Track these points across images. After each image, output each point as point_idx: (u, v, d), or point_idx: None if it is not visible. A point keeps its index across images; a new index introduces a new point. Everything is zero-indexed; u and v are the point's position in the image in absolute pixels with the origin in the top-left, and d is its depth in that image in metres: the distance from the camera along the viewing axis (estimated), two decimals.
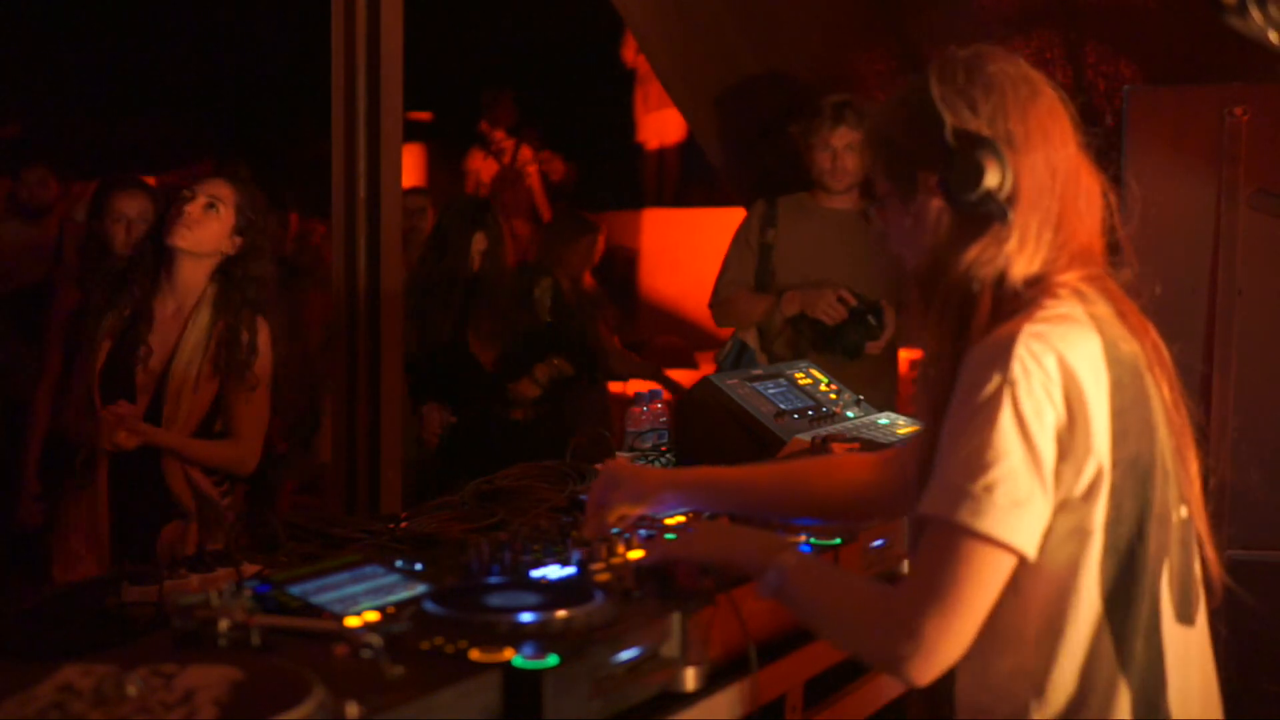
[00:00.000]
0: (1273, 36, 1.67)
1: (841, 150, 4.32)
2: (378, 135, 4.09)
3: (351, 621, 1.69)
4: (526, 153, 8.96)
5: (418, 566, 1.98)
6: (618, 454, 3.10)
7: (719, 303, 4.39)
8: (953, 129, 1.69)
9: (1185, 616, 1.71)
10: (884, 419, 3.26)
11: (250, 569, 1.99)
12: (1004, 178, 1.68)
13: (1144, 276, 1.79)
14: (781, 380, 3.23)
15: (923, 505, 1.64)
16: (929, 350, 1.74)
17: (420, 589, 1.84)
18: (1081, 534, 1.63)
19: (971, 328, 1.68)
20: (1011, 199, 1.68)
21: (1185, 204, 3.52)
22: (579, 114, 9.16)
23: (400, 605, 1.77)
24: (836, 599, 1.72)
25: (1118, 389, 1.64)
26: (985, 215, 1.69)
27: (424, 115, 9.79)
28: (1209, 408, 3.46)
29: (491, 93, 8.89)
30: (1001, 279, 1.69)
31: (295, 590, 1.76)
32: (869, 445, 2.74)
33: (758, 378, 3.18)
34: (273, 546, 2.26)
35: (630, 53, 8.33)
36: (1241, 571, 3.41)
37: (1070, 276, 1.70)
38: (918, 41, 5.26)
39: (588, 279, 6.09)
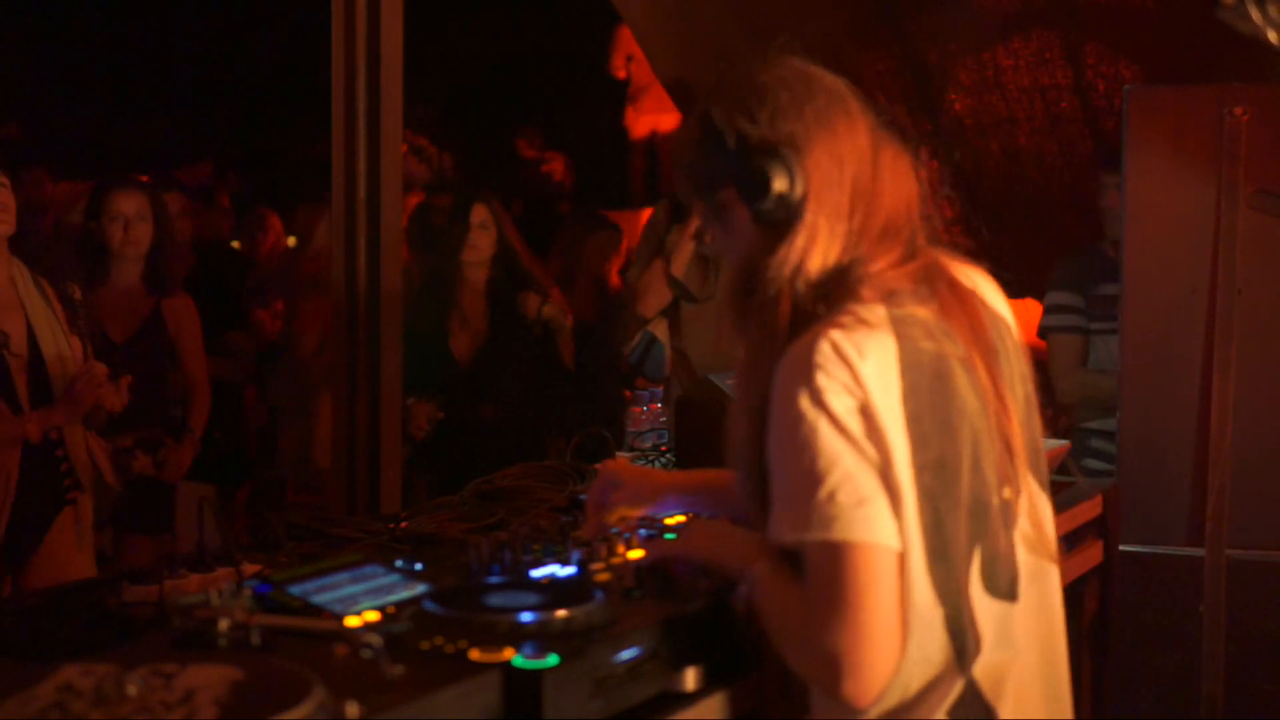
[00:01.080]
0: (1272, 36, 1.67)
1: None
2: (378, 135, 4.09)
3: (351, 621, 1.69)
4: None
5: (418, 566, 1.98)
6: (618, 454, 3.10)
7: (632, 292, 4.24)
8: (735, 142, 1.72)
9: (1002, 592, 1.70)
10: None
11: (250, 569, 1.99)
12: (791, 179, 1.70)
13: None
14: None
15: (775, 534, 1.65)
16: (742, 363, 1.75)
17: (420, 589, 1.84)
18: (901, 536, 1.62)
19: (777, 333, 1.69)
20: (804, 198, 1.70)
21: (1185, 204, 3.52)
22: (575, 114, 9.16)
23: (400, 605, 1.77)
24: (784, 616, 1.69)
25: (911, 394, 1.63)
26: (783, 220, 1.71)
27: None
28: (1208, 407, 3.46)
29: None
30: (795, 278, 1.70)
31: (295, 590, 1.76)
32: None
33: None
34: (273, 546, 2.26)
35: (621, 60, 8.34)
36: (1241, 571, 3.43)
37: (880, 266, 1.71)
38: (918, 41, 5.27)
39: (614, 280, 6.00)
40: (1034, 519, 1.77)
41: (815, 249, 1.70)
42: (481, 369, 4.47)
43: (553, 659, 1.58)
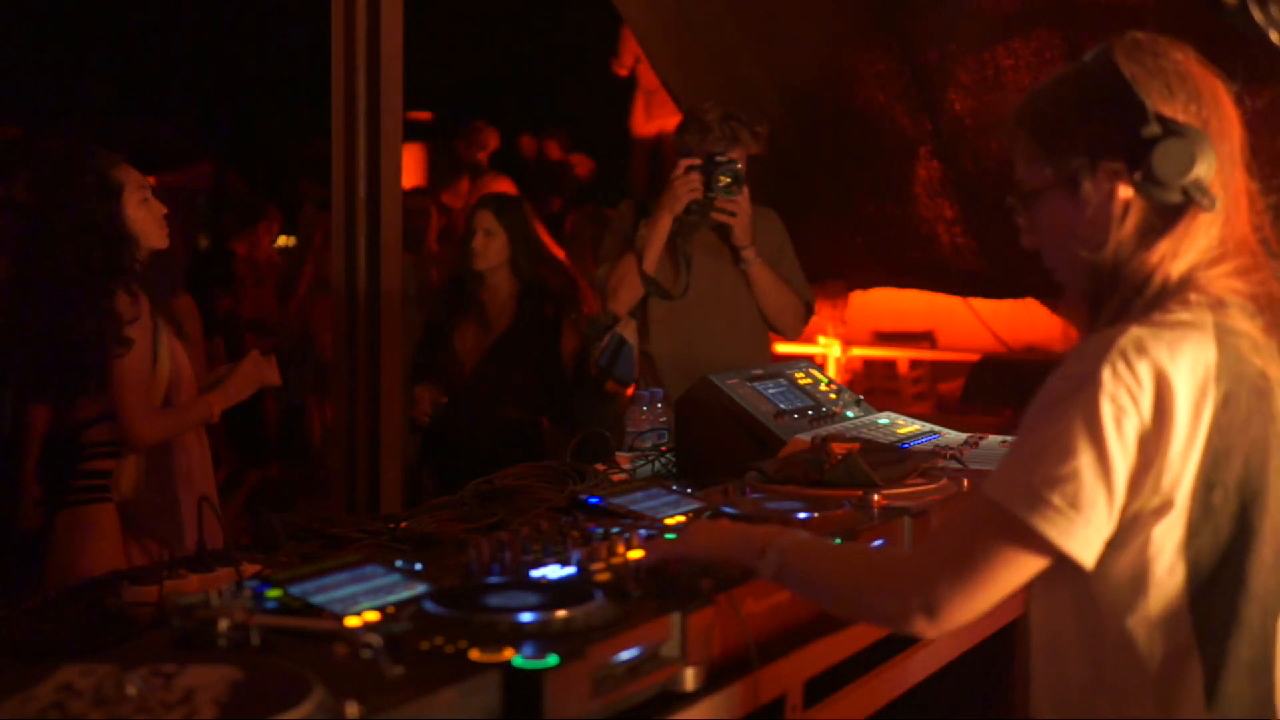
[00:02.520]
0: (1274, 36, 1.67)
1: None
2: (378, 135, 4.10)
3: (351, 621, 1.69)
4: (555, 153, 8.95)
5: (418, 566, 1.98)
6: (617, 454, 3.10)
7: (603, 288, 4.14)
8: (1154, 114, 1.58)
9: None
10: (884, 419, 3.26)
11: (250, 569, 1.99)
12: (1211, 167, 1.58)
13: None
14: (781, 380, 3.23)
15: (988, 487, 1.59)
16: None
17: (420, 589, 1.84)
18: (1150, 550, 1.57)
19: (1128, 319, 1.59)
20: (1206, 191, 1.59)
21: None
22: (579, 115, 9.16)
23: (400, 605, 1.77)
24: (842, 564, 1.71)
25: (1226, 404, 1.55)
26: (1178, 207, 1.60)
27: (424, 115, 9.79)
28: None
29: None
30: (1166, 270, 1.60)
31: (295, 590, 1.76)
32: (869, 445, 2.74)
33: (758, 378, 3.18)
34: (273, 546, 2.26)
35: (629, 60, 8.34)
36: None
37: (1215, 274, 1.61)
38: (918, 41, 5.27)
39: None
40: None
41: (1194, 244, 1.60)
42: (494, 370, 4.47)
43: (553, 659, 1.58)
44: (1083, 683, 1.64)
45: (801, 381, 3.28)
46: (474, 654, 1.58)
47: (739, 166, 3.92)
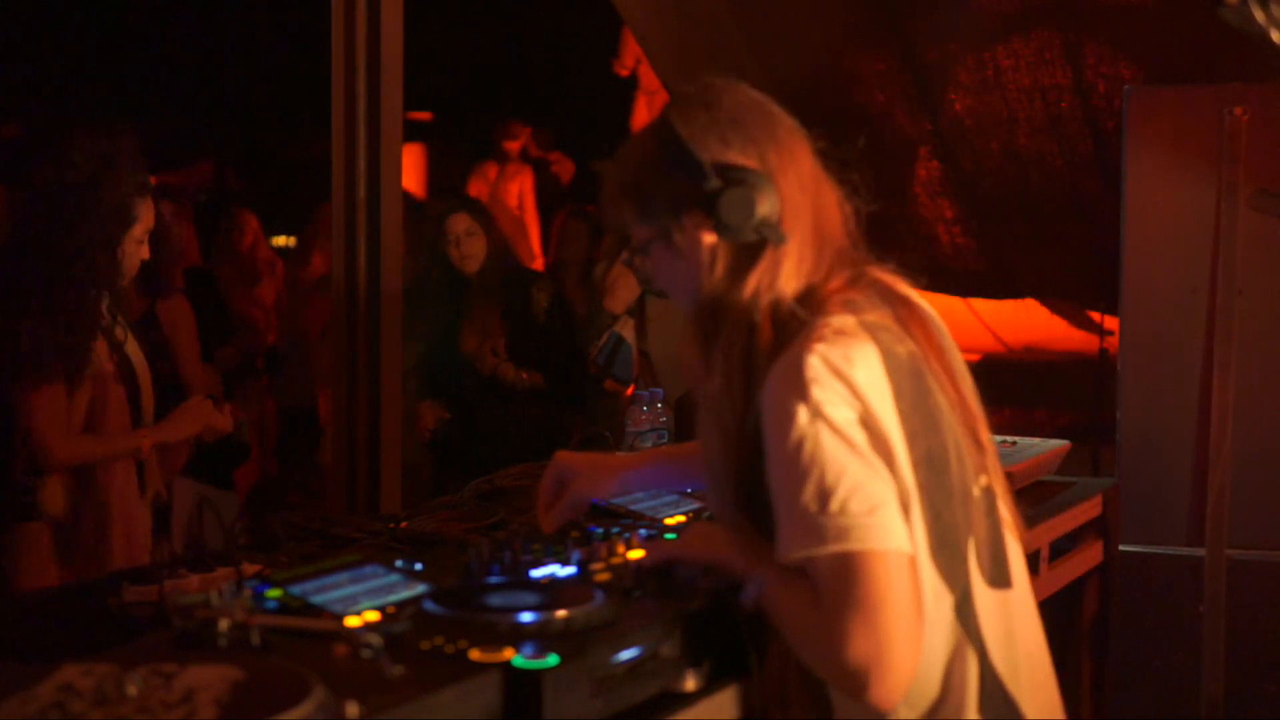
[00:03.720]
0: (1274, 35, 1.67)
1: None
2: (378, 135, 4.09)
3: (351, 621, 1.69)
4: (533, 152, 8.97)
5: (418, 566, 1.98)
6: (617, 454, 3.10)
7: (600, 287, 4.18)
8: (712, 166, 1.72)
9: (998, 580, 1.75)
10: None
11: (250, 569, 1.99)
12: (773, 203, 1.71)
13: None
14: None
15: (785, 551, 1.65)
16: (715, 385, 1.74)
17: (420, 589, 1.84)
18: (910, 532, 1.65)
19: (757, 355, 1.70)
20: (779, 223, 1.72)
21: (1185, 204, 3.52)
22: (577, 115, 9.16)
23: (400, 605, 1.77)
24: (800, 624, 1.70)
25: (900, 395, 1.66)
26: (758, 244, 1.72)
27: (424, 115, 9.79)
28: (1209, 408, 3.46)
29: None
30: (777, 301, 1.72)
31: (295, 590, 1.76)
32: None
33: None
34: (273, 546, 2.26)
35: (630, 59, 8.36)
36: (1241, 571, 3.43)
37: (836, 284, 1.74)
38: (918, 41, 5.27)
39: None
40: (1008, 503, 1.82)
41: (791, 272, 1.73)
42: (508, 369, 4.48)
43: (553, 659, 1.58)
44: None
45: None
46: (474, 654, 1.58)
47: None
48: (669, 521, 2.34)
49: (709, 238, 1.75)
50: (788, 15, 5.30)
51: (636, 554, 2.04)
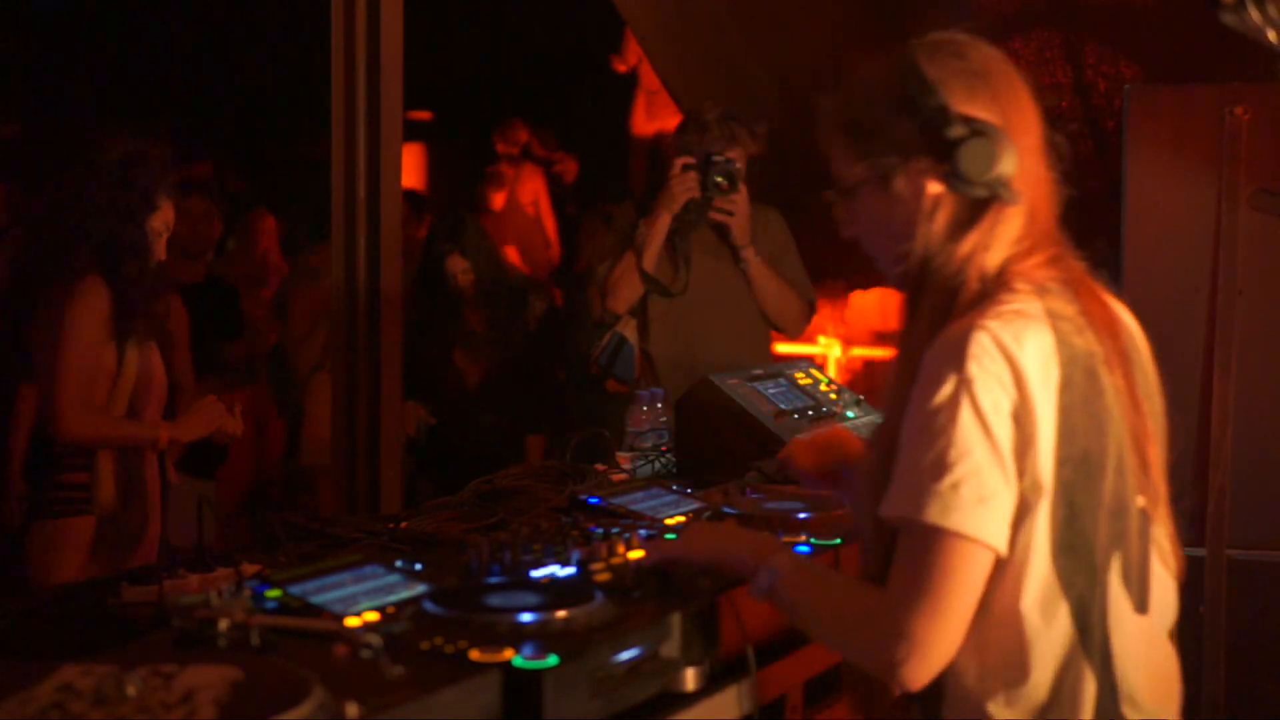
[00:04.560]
0: (1272, 35, 1.67)
1: None
2: (378, 135, 4.09)
3: (351, 621, 1.69)
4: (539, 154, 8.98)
5: (418, 566, 1.98)
6: (618, 454, 3.10)
7: (602, 285, 4.12)
8: (957, 114, 1.66)
9: (1140, 606, 1.72)
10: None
11: (250, 569, 1.99)
12: (1012, 162, 1.65)
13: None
14: (781, 380, 3.23)
15: (887, 507, 1.64)
16: (909, 341, 1.71)
17: (420, 589, 1.84)
18: (1035, 531, 1.62)
19: (951, 316, 1.66)
20: (1011, 186, 1.67)
21: (1185, 204, 3.52)
22: (578, 114, 9.15)
23: (400, 605, 1.77)
24: (827, 603, 1.72)
25: (1067, 386, 1.62)
26: (983, 202, 1.67)
27: (424, 115, 9.79)
28: (1209, 408, 3.46)
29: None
30: (984, 266, 1.67)
31: (295, 590, 1.76)
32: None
33: (758, 378, 3.18)
34: (273, 546, 2.26)
35: (632, 58, 8.36)
36: (1241, 571, 3.43)
37: (1031, 264, 1.69)
38: None
39: None
40: (1168, 532, 1.76)
41: (1004, 239, 1.68)
42: (487, 377, 4.50)
43: (553, 659, 1.58)
44: (990, 658, 1.66)
45: (801, 381, 3.28)
46: (474, 654, 1.58)
47: (735, 166, 3.92)
48: (669, 521, 2.34)
49: (934, 186, 1.68)
50: (788, 15, 5.30)
51: (636, 554, 2.04)
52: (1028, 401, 1.60)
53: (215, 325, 5.21)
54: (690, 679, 1.81)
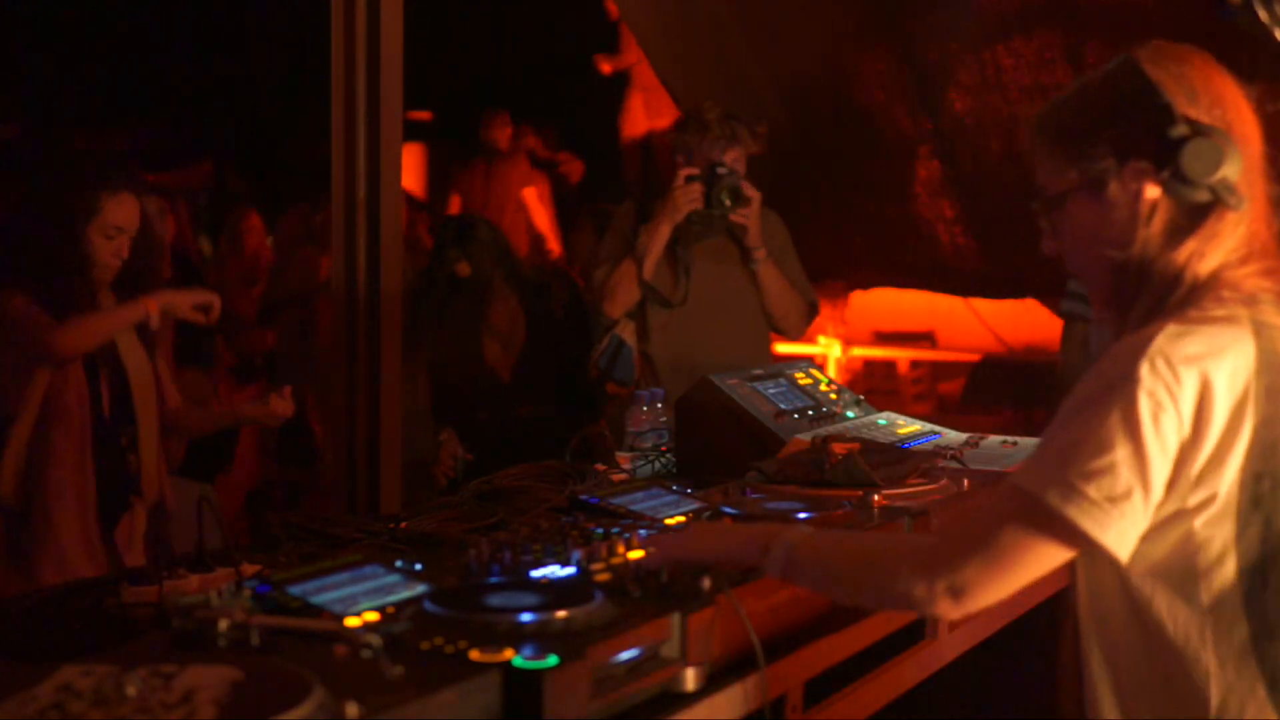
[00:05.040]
0: (1278, 35, 1.67)
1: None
2: (378, 135, 4.09)
3: (351, 621, 1.69)
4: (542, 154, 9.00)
5: (418, 566, 1.98)
6: (617, 454, 3.10)
7: (600, 288, 4.12)
8: (1181, 113, 1.62)
9: None
10: (883, 419, 3.26)
11: (250, 569, 1.99)
12: (1237, 165, 1.62)
13: None
14: (781, 380, 3.23)
15: (1019, 475, 1.61)
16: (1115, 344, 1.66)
17: (420, 589, 1.84)
18: (1193, 544, 1.59)
19: (1160, 317, 1.62)
20: (1233, 191, 1.63)
21: None
22: (579, 114, 9.16)
23: (400, 605, 1.77)
24: (859, 552, 1.72)
25: (1270, 397, 1.58)
26: (1204, 206, 1.63)
27: (424, 115, 9.79)
28: None
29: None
30: (1194, 269, 1.63)
31: (295, 590, 1.76)
32: (869, 445, 2.74)
33: (758, 378, 3.18)
34: (273, 546, 2.26)
35: (629, 58, 8.38)
36: None
37: (1244, 273, 1.64)
38: (918, 41, 5.27)
39: None
40: None
41: (1221, 247, 1.64)
42: (519, 373, 4.50)
43: (553, 659, 1.58)
44: (1142, 681, 1.65)
45: (801, 381, 3.28)
46: (474, 654, 1.58)
47: (740, 180, 3.92)
48: (669, 521, 2.34)
49: (1152, 190, 1.64)
50: (788, 15, 5.30)
51: (636, 554, 2.04)
52: (1207, 411, 1.55)
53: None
54: (690, 679, 1.81)
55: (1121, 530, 1.56)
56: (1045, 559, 1.59)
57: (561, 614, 1.71)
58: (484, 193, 8.54)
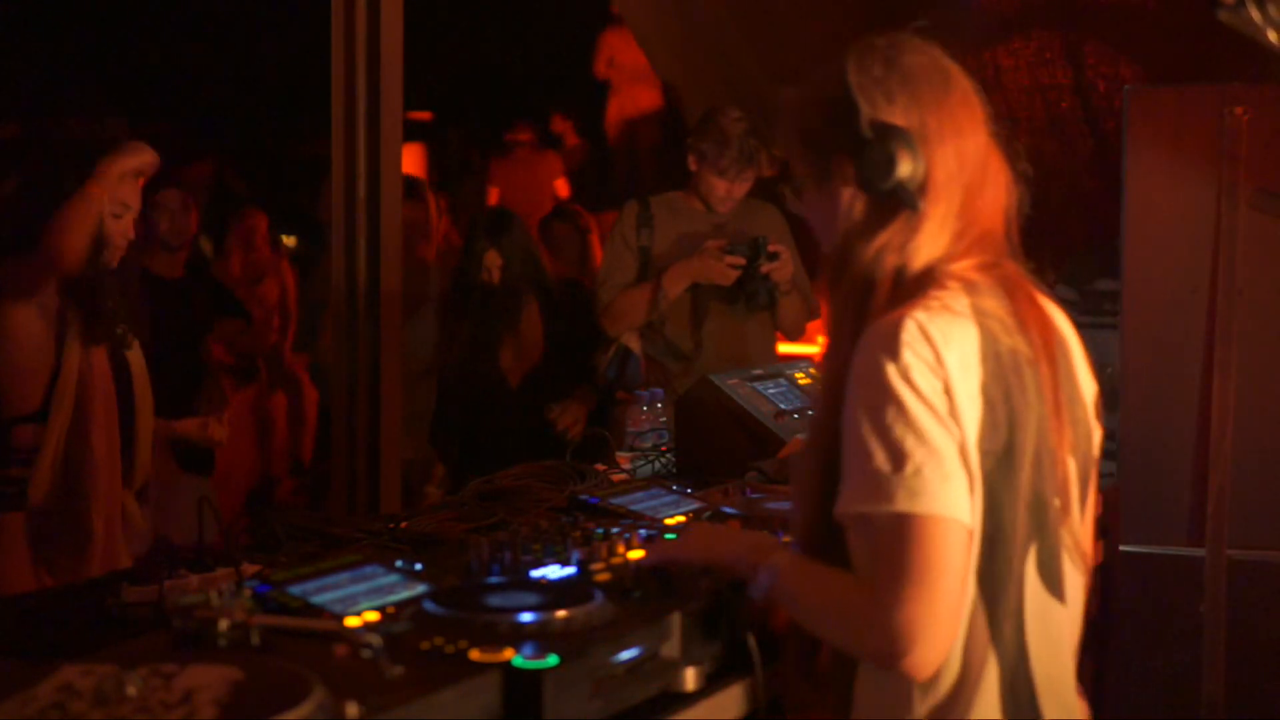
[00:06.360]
0: (1271, 35, 1.67)
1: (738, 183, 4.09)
2: (378, 135, 4.10)
3: (351, 621, 1.69)
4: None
5: (418, 566, 1.98)
6: (618, 454, 3.11)
7: (605, 308, 4.15)
8: (868, 119, 1.72)
9: (1055, 594, 1.74)
10: None
11: (250, 569, 1.99)
12: (916, 168, 1.71)
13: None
14: (781, 380, 3.23)
15: (845, 505, 1.64)
16: (829, 333, 1.77)
17: (420, 589, 1.84)
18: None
19: (869, 314, 1.70)
20: (922, 189, 1.71)
21: (1185, 204, 3.52)
22: (579, 114, 9.17)
23: (400, 605, 1.77)
24: (827, 600, 1.72)
25: (990, 382, 1.65)
26: (895, 204, 1.72)
27: (424, 115, 9.80)
28: (1209, 408, 3.46)
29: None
30: (903, 267, 1.72)
31: (295, 590, 1.76)
32: None
33: (758, 378, 3.18)
34: (273, 546, 2.26)
35: (603, 64, 8.43)
36: (1241, 571, 3.43)
37: (964, 265, 1.73)
38: None
39: None
40: (1074, 533, 1.78)
41: (925, 242, 1.72)
42: (538, 376, 4.49)
43: (553, 659, 1.58)
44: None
45: (801, 381, 3.28)
46: (474, 654, 1.58)
47: (778, 286, 3.98)
48: (669, 521, 2.34)
49: (851, 187, 1.76)
50: (788, 15, 5.30)
51: (636, 554, 2.04)
52: (950, 391, 1.63)
53: (202, 317, 5.16)
54: (690, 679, 1.81)
55: (962, 502, 1.61)
56: (948, 557, 1.60)
57: (561, 614, 1.71)
58: (516, 187, 8.55)
